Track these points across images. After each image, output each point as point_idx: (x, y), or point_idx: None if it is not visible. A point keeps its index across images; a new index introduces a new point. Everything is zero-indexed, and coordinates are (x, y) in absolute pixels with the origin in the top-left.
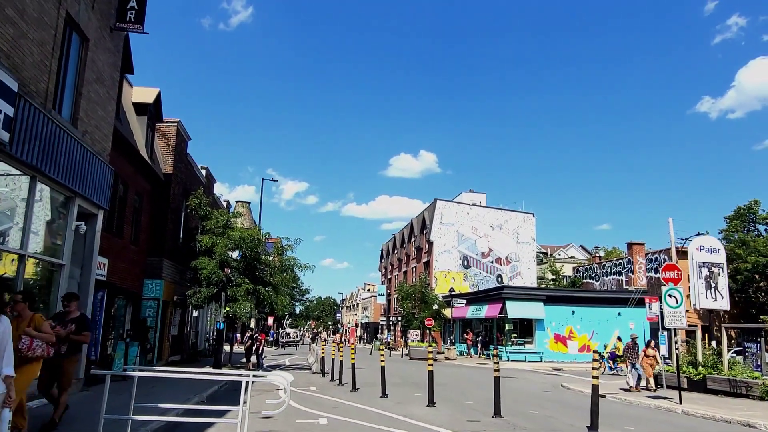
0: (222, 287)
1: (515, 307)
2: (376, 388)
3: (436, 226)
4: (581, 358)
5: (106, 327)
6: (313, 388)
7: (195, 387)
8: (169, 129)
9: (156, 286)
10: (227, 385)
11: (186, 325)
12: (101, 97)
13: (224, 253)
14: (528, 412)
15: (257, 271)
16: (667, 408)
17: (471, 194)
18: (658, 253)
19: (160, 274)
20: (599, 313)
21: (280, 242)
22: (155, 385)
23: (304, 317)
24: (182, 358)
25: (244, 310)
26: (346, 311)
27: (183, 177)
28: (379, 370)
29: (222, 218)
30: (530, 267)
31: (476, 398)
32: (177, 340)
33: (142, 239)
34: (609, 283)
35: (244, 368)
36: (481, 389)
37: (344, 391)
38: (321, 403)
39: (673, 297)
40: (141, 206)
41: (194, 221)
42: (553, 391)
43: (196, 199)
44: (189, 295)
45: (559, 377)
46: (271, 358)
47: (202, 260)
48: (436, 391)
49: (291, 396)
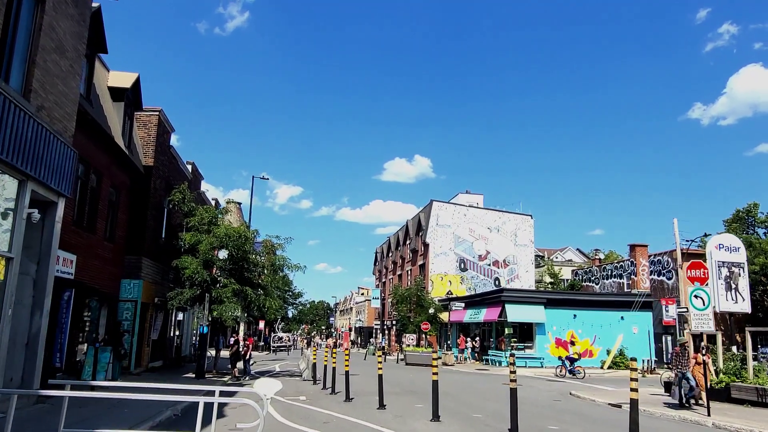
0: (206, 288)
1: (515, 311)
2: (372, 397)
3: (432, 228)
4: (583, 363)
5: (75, 331)
6: (302, 398)
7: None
8: (150, 118)
9: (134, 287)
10: None
11: (169, 329)
12: (62, 70)
13: (209, 252)
14: (547, 428)
15: (245, 272)
16: (694, 420)
17: (468, 195)
18: (661, 255)
19: (139, 273)
20: (602, 316)
21: (269, 241)
22: (108, 402)
23: (297, 321)
24: (164, 364)
25: (230, 313)
26: (340, 315)
27: (166, 171)
28: (375, 377)
29: (207, 215)
30: (528, 270)
31: (484, 410)
32: (159, 345)
33: (119, 236)
34: (610, 286)
35: (230, 375)
36: (487, 399)
37: (337, 402)
38: (310, 417)
39: (699, 298)
40: (118, 200)
41: (178, 218)
42: (563, 400)
43: (179, 194)
44: (170, 296)
45: (566, 384)
46: (261, 364)
47: (185, 259)
48: (406, 394)
49: (276, 408)
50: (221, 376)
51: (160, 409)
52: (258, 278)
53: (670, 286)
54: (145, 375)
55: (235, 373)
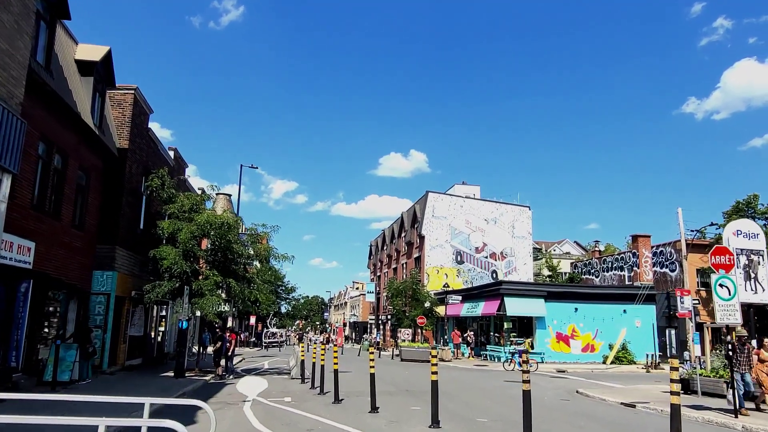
0: (186, 280)
1: (514, 304)
2: (365, 398)
3: (428, 220)
4: (585, 358)
5: (38, 327)
6: (287, 399)
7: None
8: (125, 97)
9: (107, 279)
10: (186, 394)
11: (149, 325)
12: (6, 26)
13: (189, 241)
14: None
15: (229, 262)
16: (721, 423)
17: (464, 186)
18: (664, 246)
19: (113, 264)
20: (603, 310)
21: (254, 230)
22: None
23: (291, 317)
24: (144, 362)
25: (212, 307)
26: (334, 310)
27: (143, 155)
28: (368, 375)
29: (188, 201)
30: (526, 262)
31: (489, 413)
32: (139, 342)
33: (89, 223)
34: (610, 279)
35: (214, 373)
36: (489, 399)
37: (325, 404)
38: (292, 423)
39: (724, 287)
40: (88, 184)
41: (158, 206)
42: (572, 399)
43: (157, 179)
44: (147, 289)
45: (569, 381)
46: (250, 360)
47: (163, 249)
48: (405, 395)
49: (257, 411)
50: (204, 374)
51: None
52: (243, 270)
53: (673, 278)
54: (120, 374)
55: (219, 371)
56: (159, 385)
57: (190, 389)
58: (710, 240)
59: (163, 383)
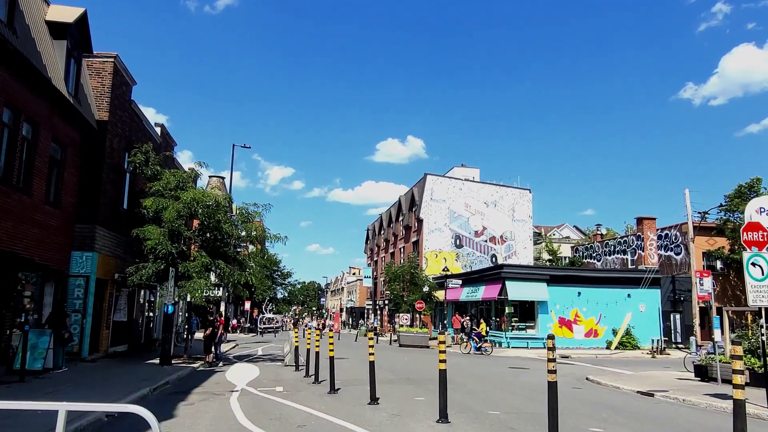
0: (172, 262)
1: (516, 288)
2: (362, 388)
3: (426, 203)
4: (588, 343)
5: (6, 311)
6: (279, 389)
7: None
8: (104, 66)
9: (87, 261)
10: (160, 389)
11: (135, 310)
12: None
13: (175, 221)
14: (588, 431)
15: (218, 243)
16: (753, 414)
17: (463, 169)
18: (669, 229)
19: (93, 245)
20: (607, 294)
21: (245, 209)
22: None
23: (287, 303)
24: (130, 349)
25: (200, 291)
26: (331, 296)
27: (126, 129)
28: (366, 362)
29: (174, 179)
30: (527, 246)
31: (501, 405)
32: (125, 327)
33: (67, 201)
34: (612, 262)
35: (203, 360)
36: (498, 388)
37: (320, 394)
38: (283, 417)
39: (757, 266)
40: (64, 158)
41: (143, 184)
42: (584, 388)
43: (140, 155)
44: (130, 271)
45: (575, 367)
46: (244, 346)
47: (148, 228)
48: (407, 384)
49: (244, 403)
50: (192, 361)
51: None
52: (234, 251)
53: (678, 262)
54: (102, 362)
55: (209, 358)
56: (141, 374)
57: (175, 378)
58: (715, 223)
59: (146, 371)
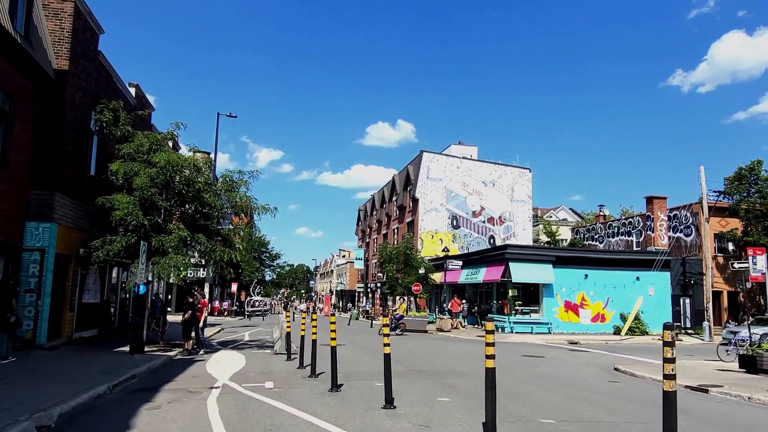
0: (144, 235)
1: (520, 270)
2: (369, 384)
3: (422, 182)
4: (594, 328)
5: None
6: (269, 385)
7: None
8: (63, 6)
9: (44, 233)
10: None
11: (106, 289)
12: None
13: (148, 188)
14: None
15: (199, 215)
16: None
17: (460, 147)
18: (679, 210)
19: (51, 214)
20: (615, 277)
21: (229, 176)
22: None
23: (276, 285)
24: (100, 334)
25: (177, 268)
26: (320, 279)
27: (91, 83)
28: (364, 348)
29: (147, 141)
30: (526, 228)
31: (546, 407)
32: (93, 310)
33: (17, 162)
34: (616, 244)
35: (182, 348)
36: (528, 383)
37: (319, 392)
38: (275, 428)
39: None
40: (13, 111)
41: (113, 148)
42: (622, 381)
43: (108, 112)
44: (95, 245)
45: (592, 355)
46: (230, 331)
47: (116, 197)
48: (460, 385)
49: (225, 405)
50: (169, 348)
51: None
52: (216, 225)
53: (688, 244)
54: (63, 350)
55: (188, 345)
56: (104, 365)
57: (145, 370)
58: (729, 203)
59: (111, 362)
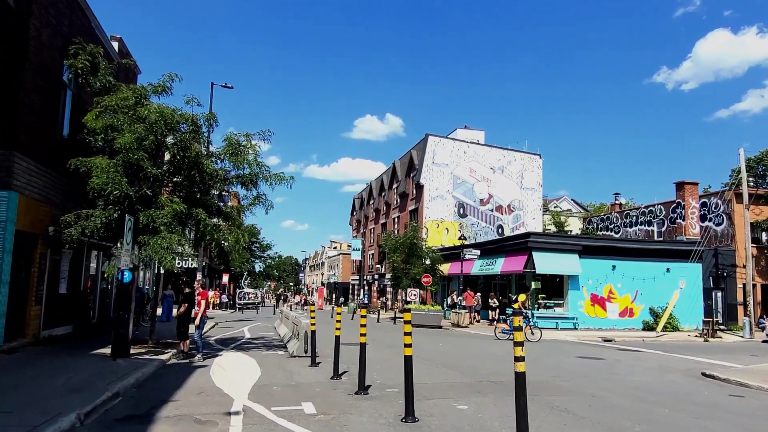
0: (130, 208)
1: (545, 260)
2: (446, 404)
3: (428, 167)
4: (622, 324)
5: None
6: (308, 409)
7: None
8: None
9: (0, 204)
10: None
11: (84, 277)
12: None
13: (134, 151)
14: None
15: (196, 186)
16: None
17: (467, 131)
18: (709, 197)
19: (10, 181)
20: (644, 268)
21: (235, 138)
22: None
23: (264, 276)
24: (76, 331)
25: (170, 250)
26: (310, 271)
27: (63, 22)
28: (384, 347)
29: (132, 94)
30: (536, 217)
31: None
32: (68, 302)
33: None
34: (634, 235)
35: (176, 350)
36: (633, 398)
37: (387, 423)
38: None
39: None
40: None
41: (92, 103)
42: (747, 396)
43: (85, 56)
44: (67, 221)
45: (652, 356)
46: (225, 326)
47: (93, 160)
48: (565, 404)
49: None
50: (161, 350)
51: None
52: (214, 201)
53: (718, 233)
54: (27, 351)
55: (184, 346)
56: (76, 375)
57: (132, 383)
58: (765, 190)
59: (86, 370)
